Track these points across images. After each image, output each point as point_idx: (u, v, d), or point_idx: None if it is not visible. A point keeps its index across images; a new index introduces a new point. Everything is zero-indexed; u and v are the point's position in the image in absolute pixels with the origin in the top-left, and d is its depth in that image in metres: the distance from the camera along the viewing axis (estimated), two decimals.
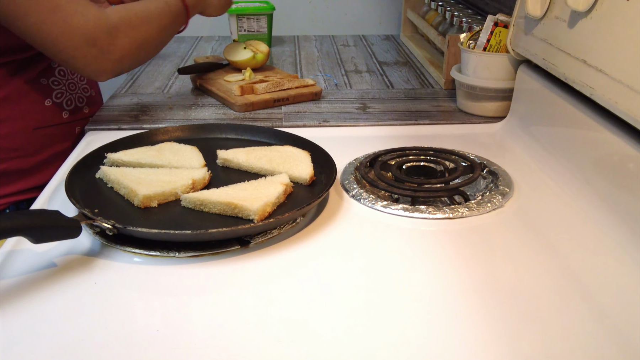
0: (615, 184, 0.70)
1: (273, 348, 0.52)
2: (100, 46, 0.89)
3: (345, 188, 0.80)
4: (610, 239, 0.67)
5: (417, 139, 0.97)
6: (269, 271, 0.63)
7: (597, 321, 0.55)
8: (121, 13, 0.93)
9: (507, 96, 1.03)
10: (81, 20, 0.87)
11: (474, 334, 0.53)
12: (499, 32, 1.03)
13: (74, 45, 0.88)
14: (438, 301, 0.58)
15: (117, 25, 0.91)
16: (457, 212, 0.73)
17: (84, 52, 0.89)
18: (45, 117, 1.02)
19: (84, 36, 0.88)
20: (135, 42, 0.94)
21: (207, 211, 0.71)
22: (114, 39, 0.91)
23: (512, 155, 0.91)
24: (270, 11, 1.59)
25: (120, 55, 0.92)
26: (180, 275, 0.62)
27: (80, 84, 1.09)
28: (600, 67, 0.71)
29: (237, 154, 0.83)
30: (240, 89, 1.12)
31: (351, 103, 1.15)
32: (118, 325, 0.55)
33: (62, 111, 1.05)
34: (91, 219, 0.65)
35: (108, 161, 0.82)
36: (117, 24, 0.91)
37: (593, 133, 0.75)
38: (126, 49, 0.93)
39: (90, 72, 0.93)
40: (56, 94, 1.04)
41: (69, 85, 1.06)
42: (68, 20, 0.86)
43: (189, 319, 0.56)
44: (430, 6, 1.55)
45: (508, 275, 0.63)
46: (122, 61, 0.93)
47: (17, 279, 0.61)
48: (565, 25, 0.80)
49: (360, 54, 1.55)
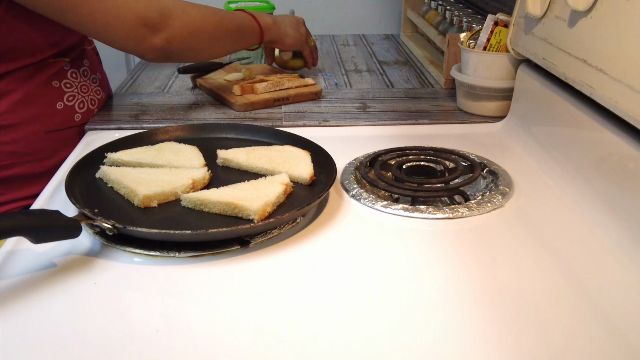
0: (615, 184, 0.70)
1: (273, 348, 0.52)
2: (150, 24, 0.92)
3: (345, 188, 0.79)
4: (610, 239, 0.67)
5: (417, 139, 0.97)
6: (269, 271, 0.63)
7: (597, 321, 0.55)
8: (177, 1, 0.96)
9: (507, 96, 1.03)
10: (132, 3, 0.90)
11: (473, 334, 0.53)
12: (499, 31, 1.03)
13: (126, 27, 0.91)
14: (438, 301, 0.58)
15: (170, 7, 0.94)
16: (457, 212, 0.73)
17: (135, 31, 0.92)
18: (57, 120, 1.01)
19: (136, 17, 0.91)
20: (188, 27, 0.96)
21: (207, 211, 0.70)
22: (166, 19, 0.93)
23: (512, 155, 0.91)
24: (270, 11, 1.58)
25: (171, 35, 0.94)
26: (180, 275, 0.62)
27: (92, 87, 1.08)
28: (600, 67, 0.71)
29: (237, 153, 0.83)
30: (240, 89, 1.12)
31: (351, 103, 1.15)
32: (118, 325, 0.55)
33: (75, 114, 1.03)
34: (91, 218, 0.65)
35: (108, 161, 0.82)
36: (170, 7, 0.94)
37: (593, 133, 0.75)
38: (177, 31, 0.95)
39: (141, 51, 0.95)
40: (68, 96, 1.02)
41: (81, 88, 1.05)
42: (120, 4, 0.90)
43: (189, 319, 0.56)
44: (430, 5, 1.55)
45: (508, 275, 0.63)
46: (172, 42, 0.95)
47: (17, 279, 0.61)
48: (565, 24, 0.80)
49: (360, 54, 1.55)
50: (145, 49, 0.95)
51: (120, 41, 0.93)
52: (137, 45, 0.94)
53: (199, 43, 1.00)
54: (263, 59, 1.49)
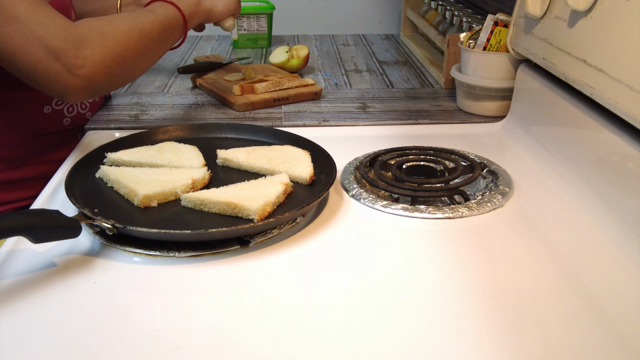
0: (615, 184, 0.70)
1: (273, 348, 0.52)
2: (65, 60, 0.78)
3: (345, 188, 0.79)
4: (610, 239, 0.67)
5: (417, 139, 0.97)
6: (268, 271, 0.63)
7: (597, 321, 0.55)
8: (93, 22, 0.83)
9: (507, 96, 1.03)
10: (41, 31, 0.77)
11: (473, 334, 0.53)
12: (499, 31, 1.03)
13: (34, 59, 0.77)
14: (438, 301, 0.58)
15: (87, 34, 0.80)
16: (457, 212, 0.73)
17: (45, 66, 0.78)
18: (45, 124, 1.00)
19: (45, 48, 0.77)
20: (111, 53, 0.82)
21: (207, 211, 0.70)
22: (81, 49, 0.79)
23: (512, 155, 0.91)
24: (270, 11, 1.59)
25: (91, 69, 0.80)
26: (180, 275, 0.62)
27: None
28: (600, 67, 0.71)
29: (237, 153, 0.83)
30: (240, 89, 1.12)
31: (351, 102, 1.15)
32: (118, 325, 0.55)
33: (64, 118, 1.02)
34: (91, 218, 0.65)
35: (108, 161, 0.82)
36: (85, 33, 0.80)
37: (593, 133, 0.75)
38: (98, 61, 0.81)
39: (57, 91, 0.81)
40: (56, 101, 1.00)
41: None
42: (27, 32, 0.76)
43: (188, 318, 0.56)
44: (430, 5, 1.55)
45: (508, 275, 0.63)
46: (94, 78, 0.81)
47: (17, 279, 0.61)
48: (565, 24, 0.80)
49: (360, 54, 1.55)
50: (61, 89, 0.80)
51: (31, 76, 0.79)
52: (52, 84, 0.80)
53: (126, 66, 0.86)
54: (263, 58, 1.49)
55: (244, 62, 1.42)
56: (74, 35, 0.79)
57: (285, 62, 1.31)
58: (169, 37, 0.94)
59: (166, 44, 0.95)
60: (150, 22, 0.89)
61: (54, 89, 0.81)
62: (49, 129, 0.99)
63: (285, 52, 1.31)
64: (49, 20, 0.78)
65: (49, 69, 0.78)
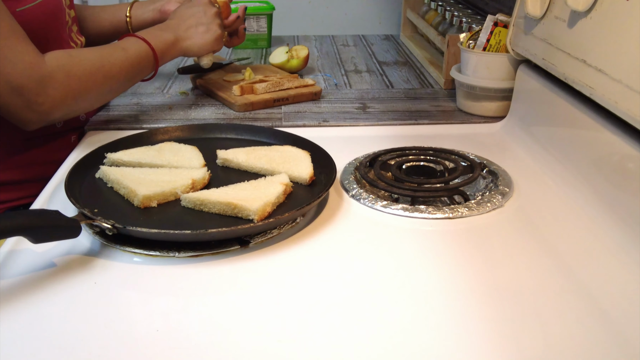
0: (615, 184, 0.70)
1: (273, 348, 0.52)
2: (27, 96, 0.82)
3: (345, 188, 0.80)
4: (610, 238, 0.67)
5: (416, 139, 0.97)
6: (268, 271, 0.63)
7: (597, 321, 0.55)
8: (61, 60, 0.86)
9: (507, 96, 1.03)
10: (8, 68, 0.80)
11: (473, 334, 0.53)
12: (499, 32, 1.03)
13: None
14: (438, 301, 0.58)
15: (52, 73, 0.84)
16: (457, 212, 0.73)
17: (6, 100, 0.82)
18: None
19: (9, 84, 0.81)
20: (72, 93, 0.86)
21: (207, 211, 0.70)
22: (45, 88, 0.83)
23: (512, 155, 0.91)
24: (270, 11, 1.59)
25: (50, 106, 0.84)
26: (180, 275, 0.62)
27: None
28: (600, 67, 0.71)
29: (236, 153, 0.83)
30: (240, 89, 1.12)
31: (351, 103, 1.15)
32: (118, 325, 0.55)
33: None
34: (91, 218, 0.65)
35: (108, 161, 0.82)
36: (52, 72, 0.84)
37: (593, 133, 0.75)
38: (58, 100, 0.85)
39: (14, 121, 0.86)
40: None
41: None
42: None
43: (188, 319, 0.56)
44: (430, 6, 1.55)
45: (508, 275, 0.63)
46: (50, 112, 0.85)
47: (17, 279, 0.61)
48: (565, 25, 0.80)
49: (360, 54, 1.55)
50: (19, 121, 0.85)
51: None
52: (9, 115, 0.85)
53: (85, 104, 0.91)
54: (263, 59, 1.50)
55: (244, 63, 1.42)
56: (39, 74, 0.83)
57: (285, 62, 1.31)
58: (138, 74, 0.97)
59: (133, 80, 0.98)
60: (119, 63, 0.92)
61: (12, 119, 0.86)
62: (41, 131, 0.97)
63: (285, 53, 1.31)
64: (18, 57, 0.81)
65: (9, 102, 0.83)
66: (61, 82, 0.85)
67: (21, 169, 0.98)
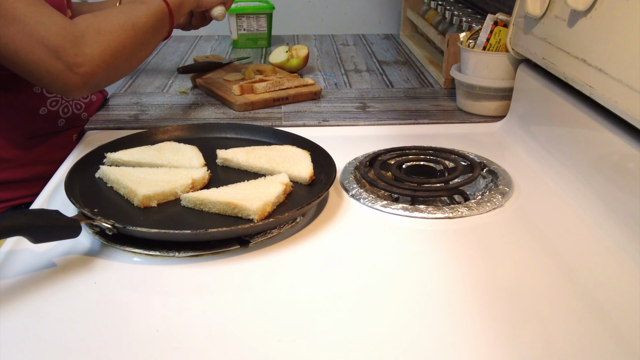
0: (615, 184, 0.70)
1: (273, 348, 0.52)
2: (65, 58, 0.80)
3: (345, 187, 0.79)
4: (610, 239, 0.67)
5: (416, 138, 0.97)
6: (268, 271, 0.63)
7: (597, 321, 0.55)
8: (89, 19, 0.85)
9: (507, 95, 1.03)
10: (42, 31, 0.79)
11: (473, 333, 0.53)
12: (499, 31, 1.03)
13: (35, 58, 0.79)
14: (438, 300, 0.58)
15: (85, 32, 0.82)
16: (457, 212, 0.73)
17: (47, 65, 0.80)
18: (39, 126, 1.00)
19: (46, 48, 0.79)
20: (108, 49, 0.84)
21: (207, 211, 0.70)
22: (81, 48, 0.81)
23: (512, 155, 0.91)
24: (270, 10, 1.59)
25: (91, 66, 0.83)
26: (180, 275, 0.62)
27: None
28: (600, 67, 0.71)
29: (236, 153, 0.83)
30: (239, 89, 1.12)
31: (351, 102, 1.15)
32: (118, 325, 0.55)
33: (59, 119, 1.02)
34: (91, 218, 0.65)
35: (108, 161, 0.82)
36: (84, 31, 0.82)
37: (593, 132, 0.75)
38: (97, 59, 0.83)
39: (59, 88, 0.84)
40: (51, 102, 1.00)
41: None
42: (28, 32, 0.78)
43: (188, 318, 0.56)
44: (429, 5, 1.55)
45: (508, 275, 0.63)
46: (94, 74, 0.83)
47: (16, 279, 0.61)
48: (565, 24, 0.80)
49: (359, 54, 1.55)
50: (64, 87, 0.83)
51: (33, 75, 0.82)
52: (53, 82, 0.82)
53: (123, 60, 0.88)
54: (263, 58, 1.49)
55: (244, 62, 1.42)
56: (72, 34, 0.81)
57: (285, 62, 1.31)
58: (161, 27, 0.95)
59: (159, 33, 0.95)
60: (143, 15, 0.90)
61: (56, 86, 0.83)
62: (43, 129, 0.98)
63: (285, 52, 1.31)
64: (49, 20, 0.80)
65: (50, 67, 0.80)
66: (94, 39, 0.83)
67: (24, 167, 0.99)
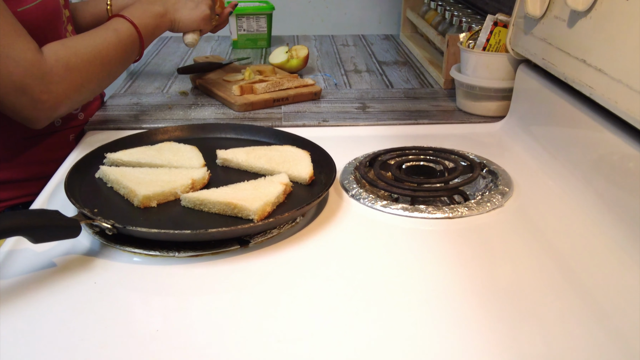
0: (615, 184, 0.70)
1: (273, 348, 0.52)
2: (31, 94, 0.83)
3: (345, 188, 0.80)
4: (610, 238, 0.67)
5: (416, 139, 0.97)
6: (268, 271, 0.63)
7: (597, 321, 0.55)
8: (59, 54, 0.86)
9: (507, 96, 1.03)
10: (11, 67, 0.80)
11: (473, 334, 0.53)
12: (499, 31, 1.03)
13: (1, 92, 0.81)
14: (438, 300, 0.58)
15: (53, 68, 0.84)
16: (457, 212, 0.73)
17: (12, 99, 0.83)
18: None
19: (13, 84, 0.81)
20: (74, 85, 0.87)
21: (207, 211, 0.70)
22: (47, 85, 0.84)
23: (512, 155, 0.91)
24: (270, 11, 1.59)
25: (55, 102, 0.85)
26: (179, 275, 0.62)
27: None
28: (600, 67, 0.71)
29: (236, 153, 0.83)
30: (239, 89, 1.12)
31: (351, 103, 1.15)
32: (118, 325, 0.55)
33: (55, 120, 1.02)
34: (91, 218, 0.65)
35: (108, 161, 0.82)
36: (52, 67, 0.84)
37: (593, 133, 0.75)
38: (62, 95, 0.86)
39: (21, 120, 0.87)
40: None
41: None
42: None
43: (188, 318, 0.56)
44: (429, 6, 1.55)
45: (507, 275, 0.63)
46: (56, 108, 0.86)
47: (16, 279, 0.61)
48: (564, 24, 0.80)
49: (359, 54, 1.55)
50: (25, 119, 0.86)
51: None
52: (16, 114, 0.85)
53: (88, 93, 0.91)
54: (263, 59, 1.49)
55: (244, 63, 1.42)
56: (41, 71, 0.83)
57: (284, 62, 1.31)
58: (130, 54, 0.97)
59: (128, 61, 0.98)
60: (113, 46, 0.93)
61: (18, 117, 0.86)
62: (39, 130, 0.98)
63: (284, 53, 1.31)
64: (20, 55, 0.81)
65: (15, 102, 0.83)
66: (62, 77, 0.85)
67: (20, 167, 0.99)
